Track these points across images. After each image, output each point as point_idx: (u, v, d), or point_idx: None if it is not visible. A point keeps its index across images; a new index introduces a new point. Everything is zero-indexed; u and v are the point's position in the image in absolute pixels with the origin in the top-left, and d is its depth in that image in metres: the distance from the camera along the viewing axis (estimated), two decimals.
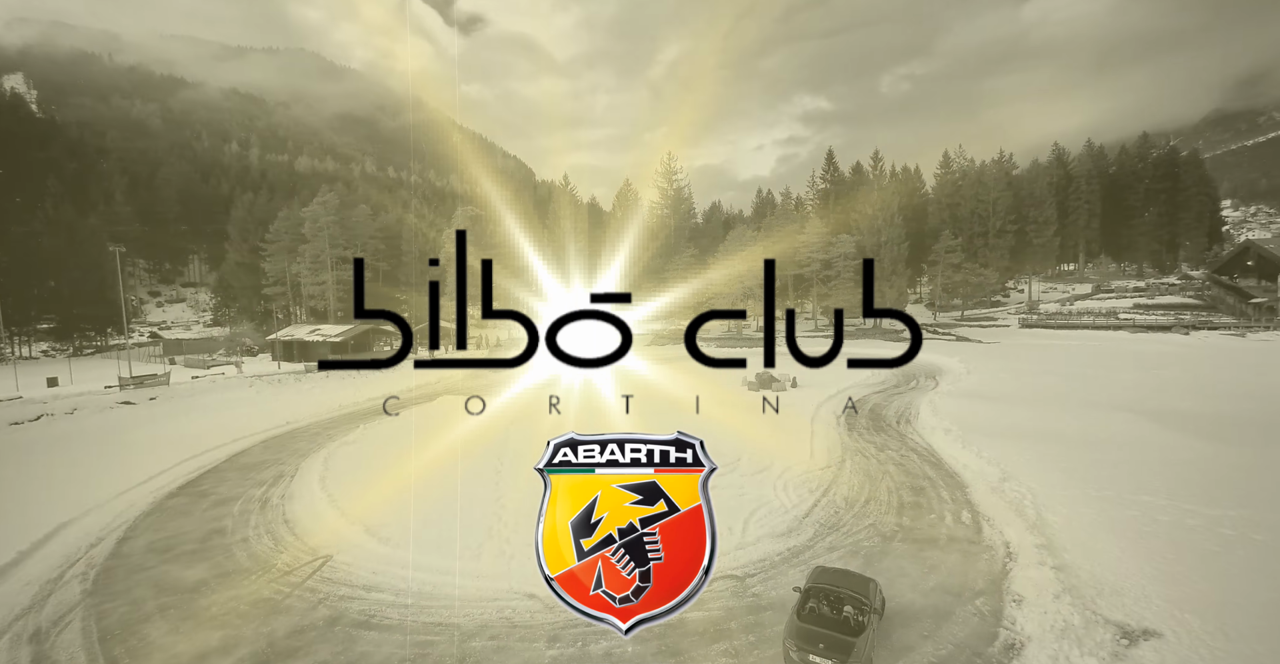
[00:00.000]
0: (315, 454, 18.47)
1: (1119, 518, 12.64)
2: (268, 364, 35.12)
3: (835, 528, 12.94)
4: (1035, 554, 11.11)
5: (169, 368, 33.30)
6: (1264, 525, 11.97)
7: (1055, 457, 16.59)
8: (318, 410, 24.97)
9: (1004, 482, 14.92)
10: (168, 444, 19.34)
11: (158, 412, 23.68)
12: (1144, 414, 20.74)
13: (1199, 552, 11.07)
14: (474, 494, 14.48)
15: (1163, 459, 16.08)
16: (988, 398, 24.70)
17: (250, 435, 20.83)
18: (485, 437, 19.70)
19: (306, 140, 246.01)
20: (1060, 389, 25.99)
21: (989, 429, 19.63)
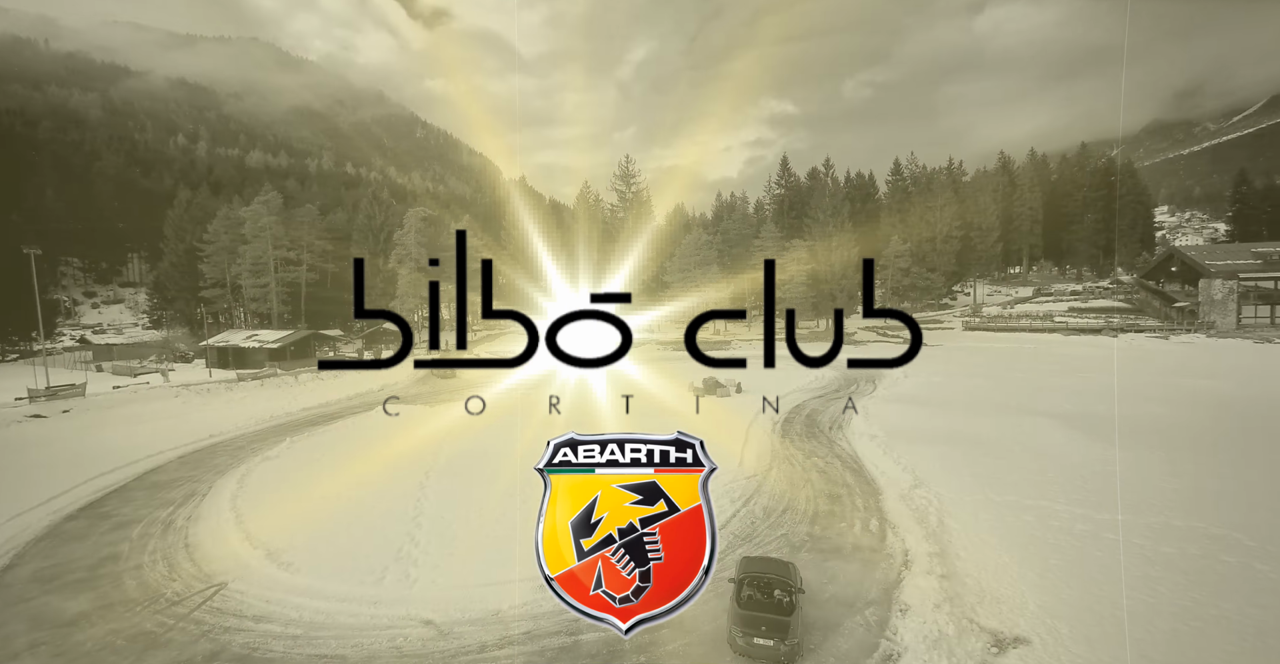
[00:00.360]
0: (234, 470, 17.85)
1: (1014, 524, 13.23)
2: (201, 372, 33.76)
3: (748, 539, 13.17)
4: (928, 563, 11.53)
5: (87, 377, 31.54)
6: (1146, 529, 12.69)
7: (968, 461, 17.26)
8: (246, 422, 24.13)
9: (915, 488, 15.44)
10: (74, 462, 18.39)
11: (68, 426, 22.47)
12: (1058, 418, 21.74)
13: (1081, 557, 11.66)
14: (392, 511, 14.26)
15: (1066, 463, 16.88)
16: (918, 402, 25.50)
17: (167, 451, 19.99)
18: (415, 450, 19.40)
19: (259, 134, 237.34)
20: (987, 393, 27.03)
21: (913, 434, 20.28)
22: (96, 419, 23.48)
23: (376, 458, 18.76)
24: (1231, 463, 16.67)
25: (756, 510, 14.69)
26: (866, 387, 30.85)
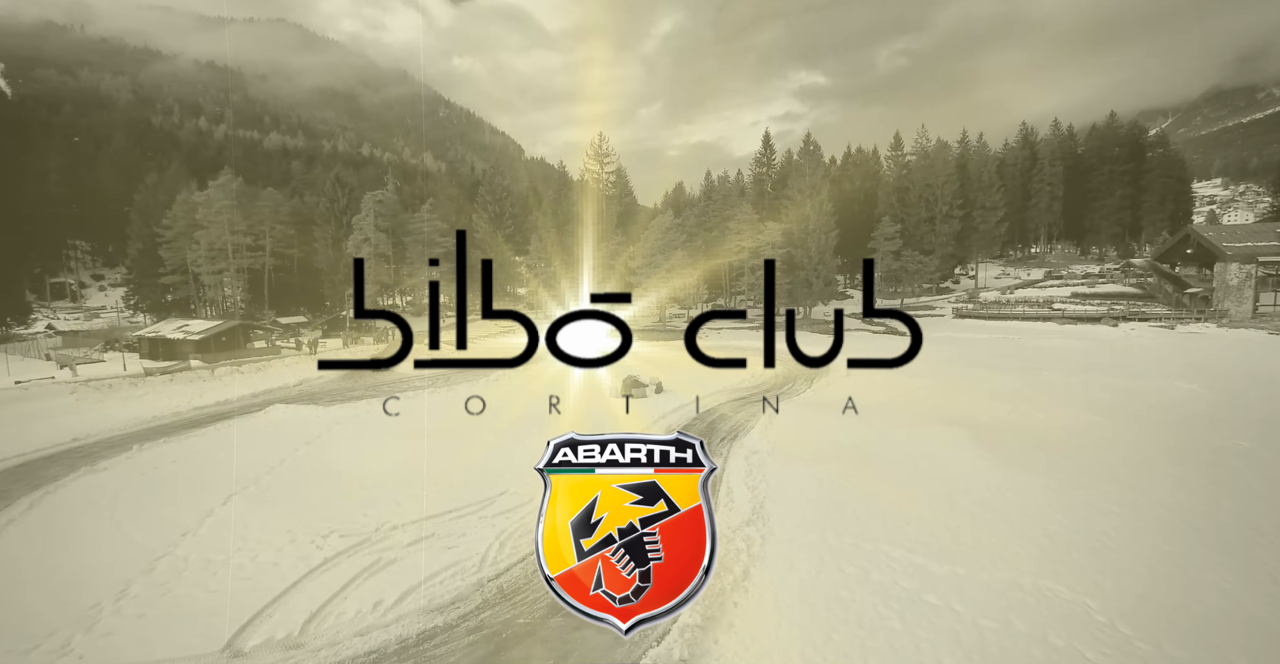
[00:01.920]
0: (46, 488, 16.67)
1: (830, 578, 11.09)
2: (120, 366, 33.35)
3: (509, 597, 11.36)
4: (681, 643, 9.54)
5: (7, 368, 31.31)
6: (983, 589, 10.43)
7: (839, 488, 15.04)
8: (125, 423, 23.22)
9: (747, 525, 13.35)
10: None
11: None
12: (978, 428, 19.21)
13: (874, 631, 9.54)
14: (130, 552, 12.75)
15: (945, 491, 14.52)
16: (837, 407, 23.14)
17: (8, 458, 19.13)
18: (255, 461, 18.12)
19: (283, 115, 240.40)
20: (924, 396, 24.43)
21: (803, 450, 18.07)
22: None
23: (197, 476, 17.30)
24: (1145, 493, 14.06)
25: None
26: (802, 385, 28.47)
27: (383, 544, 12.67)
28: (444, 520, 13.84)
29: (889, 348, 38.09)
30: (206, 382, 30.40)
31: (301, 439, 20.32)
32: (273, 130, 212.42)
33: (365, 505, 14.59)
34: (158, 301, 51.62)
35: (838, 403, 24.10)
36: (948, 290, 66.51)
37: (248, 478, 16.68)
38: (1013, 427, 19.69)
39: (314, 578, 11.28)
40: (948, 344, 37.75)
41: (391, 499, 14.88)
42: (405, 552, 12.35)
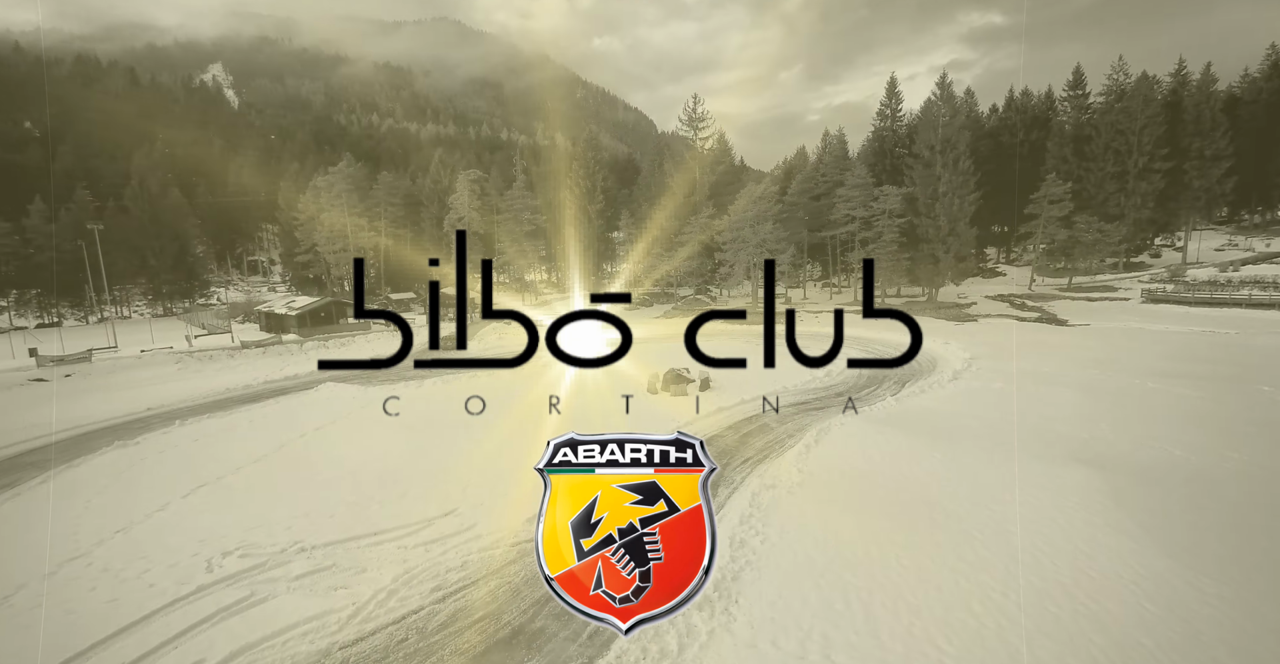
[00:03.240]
0: (74, 461, 17.54)
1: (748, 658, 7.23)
2: (250, 334, 36.89)
3: None
4: None
5: (107, 344, 34.94)
6: None
7: (851, 558, 10.62)
8: (202, 394, 24.94)
9: (731, 579, 9.63)
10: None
11: (42, 392, 25.25)
12: (1130, 476, 13.10)
13: None
14: (71, 545, 12.38)
15: (1040, 588, 9.48)
16: (919, 423, 17.75)
17: (85, 426, 20.91)
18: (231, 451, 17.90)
19: (441, 107, 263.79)
20: (1052, 413, 17.98)
21: (835, 490, 13.61)
22: (79, 386, 26.11)
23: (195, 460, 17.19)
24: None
25: None
26: (889, 389, 22.78)
27: (273, 573, 11.01)
28: (358, 546, 11.93)
29: (1055, 340, 29.81)
30: (294, 355, 32.41)
31: (311, 426, 19.99)
32: (431, 121, 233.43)
33: (301, 515, 13.22)
34: (302, 277, 57.76)
35: (918, 417, 18.67)
36: (1141, 266, 52.60)
37: (230, 466, 16.35)
38: (1188, 476, 13.23)
39: (166, 613, 9.84)
40: (1123, 338, 28.78)
41: (328, 511, 13.39)
42: (286, 587, 10.55)
